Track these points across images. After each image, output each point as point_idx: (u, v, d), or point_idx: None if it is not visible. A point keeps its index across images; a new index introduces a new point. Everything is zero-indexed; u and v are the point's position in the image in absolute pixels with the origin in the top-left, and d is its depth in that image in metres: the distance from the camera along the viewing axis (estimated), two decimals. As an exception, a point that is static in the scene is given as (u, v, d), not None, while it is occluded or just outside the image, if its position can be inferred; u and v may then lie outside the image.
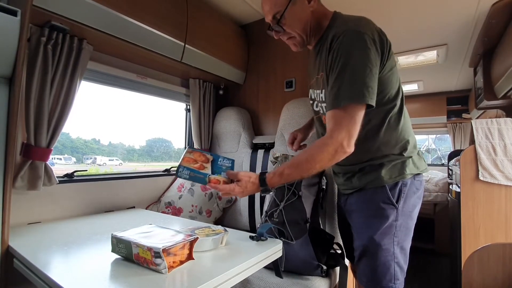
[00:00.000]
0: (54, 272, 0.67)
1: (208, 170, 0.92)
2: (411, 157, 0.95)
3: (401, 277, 0.93)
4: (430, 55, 2.61)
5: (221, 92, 2.00)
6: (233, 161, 0.98)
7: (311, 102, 1.09)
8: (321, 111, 1.00)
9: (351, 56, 0.81)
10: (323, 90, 0.93)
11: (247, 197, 1.71)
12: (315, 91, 1.02)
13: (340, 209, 1.18)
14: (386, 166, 0.93)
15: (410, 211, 0.95)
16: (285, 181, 0.88)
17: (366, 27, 0.84)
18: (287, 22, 0.92)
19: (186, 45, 1.52)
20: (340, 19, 0.92)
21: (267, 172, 0.89)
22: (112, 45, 1.32)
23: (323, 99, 0.95)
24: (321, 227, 1.31)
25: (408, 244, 0.96)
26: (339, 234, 1.32)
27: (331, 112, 0.84)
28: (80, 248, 0.85)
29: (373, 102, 0.81)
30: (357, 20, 0.88)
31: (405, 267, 0.96)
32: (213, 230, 0.88)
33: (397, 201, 0.92)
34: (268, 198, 1.29)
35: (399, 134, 0.94)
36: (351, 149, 0.82)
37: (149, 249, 0.65)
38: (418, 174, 0.97)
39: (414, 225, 0.98)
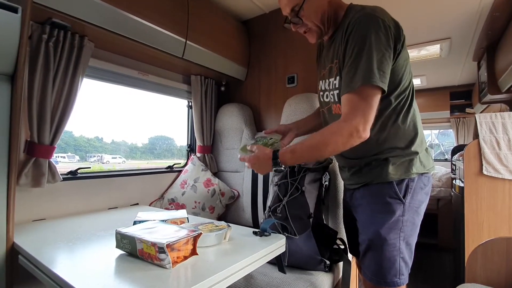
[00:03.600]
0: (59, 268, 0.67)
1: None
2: (418, 154, 0.94)
3: (405, 272, 0.93)
4: (433, 49, 2.59)
5: (222, 88, 1.99)
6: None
7: (320, 93, 1.08)
8: (332, 100, 1.00)
9: (367, 39, 0.82)
10: (337, 77, 0.95)
11: (250, 193, 1.72)
12: (327, 80, 1.02)
13: (345, 204, 1.17)
14: (393, 162, 0.93)
15: (417, 206, 0.94)
16: (296, 160, 0.91)
17: (382, 13, 0.86)
18: (306, 13, 0.94)
19: (187, 42, 1.51)
20: (355, 7, 0.93)
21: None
22: (113, 42, 1.31)
23: (336, 86, 0.95)
24: (324, 222, 1.31)
25: (414, 240, 0.96)
26: (342, 230, 1.32)
27: (346, 96, 0.85)
28: (84, 244, 0.86)
29: (385, 87, 0.82)
30: (373, 7, 0.89)
31: (410, 262, 0.95)
32: (216, 226, 0.88)
33: (404, 196, 0.92)
34: (271, 193, 1.29)
35: (407, 127, 0.94)
36: (366, 134, 0.82)
37: (153, 244, 0.65)
38: (425, 173, 0.96)
39: (420, 221, 0.97)
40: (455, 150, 3.24)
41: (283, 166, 0.91)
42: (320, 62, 1.12)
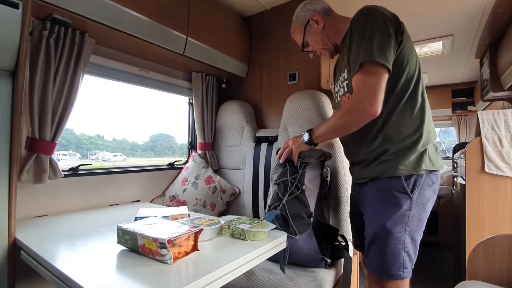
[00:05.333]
0: (60, 263, 0.68)
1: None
2: (426, 149, 0.95)
3: (409, 266, 0.94)
4: (436, 46, 2.57)
5: (223, 85, 1.99)
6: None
7: (334, 96, 1.17)
8: (342, 92, 1.06)
9: (365, 25, 0.90)
10: (345, 69, 1.02)
11: (250, 190, 1.72)
12: (339, 77, 1.09)
13: (352, 199, 1.18)
14: (402, 157, 0.94)
15: (424, 203, 0.95)
16: (324, 132, 1.05)
17: (379, 7, 0.93)
18: (310, 44, 1.17)
19: (188, 38, 1.51)
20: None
21: None
22: (114, 39, 1.31)
23: (345, 78, 1.03)
24: (326, 219, 1.31)
25: (419, 236, 0.96)
26: (343, 226, 1.32)
27: (353, 79, 0.92)
28: (86, 240, 0.86)
29: (386, 63, 0.86)
30: (372, 5, 0.96)
31: (414, 257, 0.96)
32: (210, 220, 0.88)
33: (411, 191, 0.93)
34: (271, 191, 1.29)
35: (414, 120, 0.95)
36: (374, 108, 0.87)
37: (155, 240, 0.65)
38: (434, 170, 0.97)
39: (426, 219, 0.97)
40: (456, 148, 3.23)
41: (313, 137, 1.08)
42: (335, 71, 1.23)
